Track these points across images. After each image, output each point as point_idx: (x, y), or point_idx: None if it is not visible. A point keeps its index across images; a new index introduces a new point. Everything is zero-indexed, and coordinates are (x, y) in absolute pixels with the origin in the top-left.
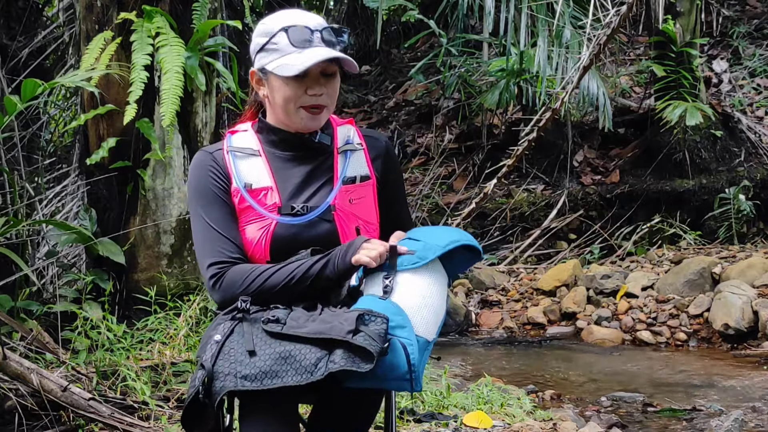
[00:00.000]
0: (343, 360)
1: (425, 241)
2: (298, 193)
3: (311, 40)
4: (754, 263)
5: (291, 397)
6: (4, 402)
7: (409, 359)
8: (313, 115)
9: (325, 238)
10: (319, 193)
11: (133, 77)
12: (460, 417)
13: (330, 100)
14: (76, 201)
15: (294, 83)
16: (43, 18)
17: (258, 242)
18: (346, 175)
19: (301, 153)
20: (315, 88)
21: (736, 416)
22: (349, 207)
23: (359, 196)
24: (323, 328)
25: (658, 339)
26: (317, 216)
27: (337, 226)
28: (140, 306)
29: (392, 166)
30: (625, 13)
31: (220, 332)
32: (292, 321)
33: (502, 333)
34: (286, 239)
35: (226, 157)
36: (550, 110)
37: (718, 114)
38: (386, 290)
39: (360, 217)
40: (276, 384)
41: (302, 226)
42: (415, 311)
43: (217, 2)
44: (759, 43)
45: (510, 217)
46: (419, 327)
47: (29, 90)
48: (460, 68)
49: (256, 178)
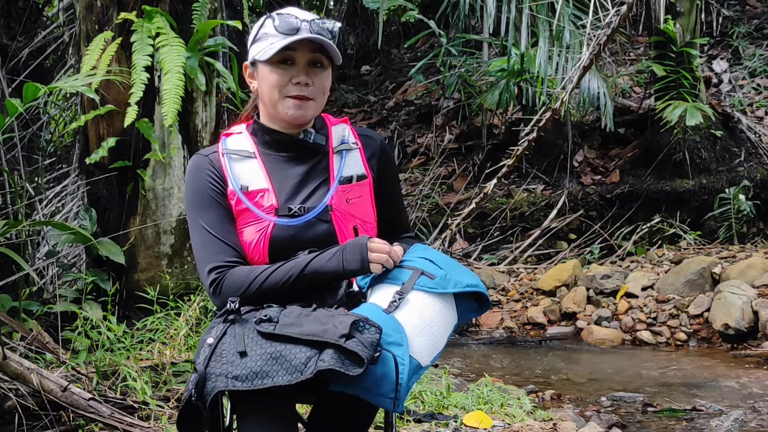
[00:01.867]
0: (333, 360)
1: (448, 272)
2: (294, 195)
3: (299, 28)
4: (754, 263)
5: (288, 397)
6: (4, 402)
7: (398, 378)
8: (300, 102)
9: (323, 238)
10: (315, 194)
11: (134, 78)
12: (460, 417)
13: (317, 93)
14: (76, 201)
15: (279, 70)
16: (43, 18)
17: (256, 244)
18: (342, 175)
19: (297, 154)
20: (300, 76)
21: (736, 416)
22: (347, 207)
23: (356, 195)
24: (316, 330)
25: (658, 339)
26: (314, 217)
27: (335, 227)
28: (140, 305)
29: (388, 164)
30: (625, 13)
31: (213, 335)
32: (286, 318)
33: (502, 333)
34: (284, 241)
35: (222, 160)
36: (550, 110)
37: (718, 114)
38: (393, 304)
39: (357, 217)
40: (266, 384)
41: (300, 228)
42: (415, 333)
43: (217, 2)
44: (759, 43)
45: (510, 217)
46: (415, 349)
47: (30, 93)
48: (460, 68)
49: (252, 180)
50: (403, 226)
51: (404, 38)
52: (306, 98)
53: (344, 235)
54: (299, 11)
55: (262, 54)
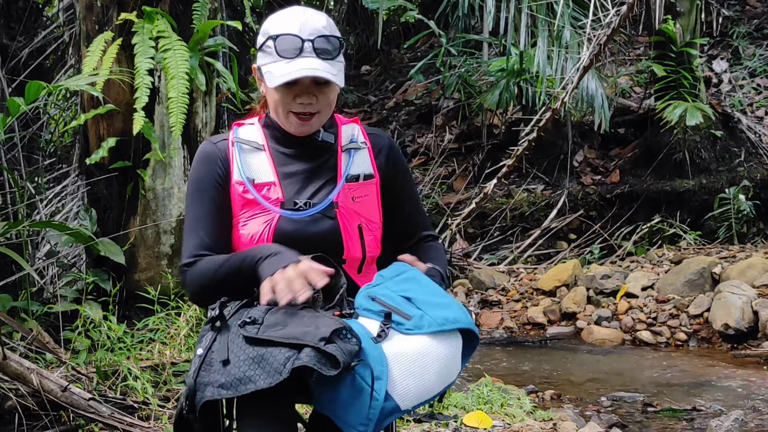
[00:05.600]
0: (309, 358)
1: (425, 312)
2: (300, 190)
3: (301, 50)
4: (754, 263)
5: (286, 398)
6: (4, 402)
7: (368, 412)
8: (303, 122)
9: (328, 235)
10: (322, 191)
11: (138, 82)
12: (460, 417)
13: (322, 107)
14: (76, 201)
15: (283, 90)
16: (43, 18)
17: (261, 236)
18: (349, 173)
19: (305, 151)
20: (303, 97)
21: (736, 416)
22: (352, 205)
23: (362, 194)
24: (297, 333)
25: (658, 339)
26: (319, 212)
27: (340, 224)
28: (141, 305)
29: (397, 164)
30: (625, 13)
31: (203, 345)
32: (271, 318)
33: (502, 333)
34: (288, 234)
35: (231, 149)
36: (550, 110)
37: (718, 114)
38: (381, 335)
39: (363, 215)
40: (250, 389)
41: (305, 222)
42: (403, 374)
43: (217, 2)
44: (759, 43)
45: (510, 217)
46: (398, 390)
47: (33, 92)
48: (460, 68)
49: (260, 172)
50: (421, 226)
51: (404, 38)
52: (311, 115)
53: (349, 232)
54: (305, 20)
55: (266, 75)
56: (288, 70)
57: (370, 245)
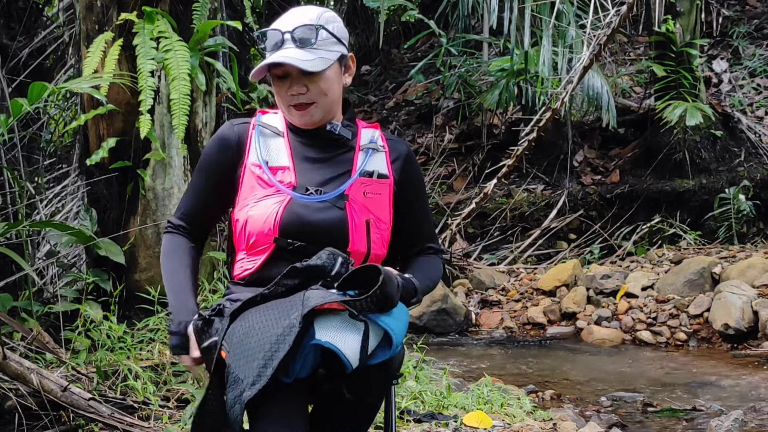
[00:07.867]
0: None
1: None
2: (314, 178)
3: (282, 42)
4: (754, 263)
5: (298, 396)
6: (4, 402)
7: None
8: (300, 112)
9: (335, 225)
10: (334, 181)
11: (141, 85)
12: (460, 417)
13: (316, 96)
14: (76, 201)
15: (277, 83)
16: (43, 18)
17: (269, 217)
18: (364, 168)
19: (322, 142)
20: (293, 87)
21: (736, 416)
22: (363, 199)
23: (374, 191)
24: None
25: (658, 339)
26: (329, 200)
27: (348, 216)
28: (141, 305)
29: (413, 173)
30: (625, 13)
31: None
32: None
33: (502, 333)
34: (296, 217)
35: (250, 132)
36: (550, 110)
37: (718, 114)
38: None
39: (372, 212)
40: (280, 355)
41: (313, 208)
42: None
43: (217, 2)
44: (759, 43)
45: (510, 217)
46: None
47: (36, 93)
48: (460, 68)
49: (276, 156)
50: (426, 237)
51: (404, 38)
52: (306, 105)
53: (356, 226)
54: (292, 13)
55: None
56: (266, 62)
57: (375, 242)
